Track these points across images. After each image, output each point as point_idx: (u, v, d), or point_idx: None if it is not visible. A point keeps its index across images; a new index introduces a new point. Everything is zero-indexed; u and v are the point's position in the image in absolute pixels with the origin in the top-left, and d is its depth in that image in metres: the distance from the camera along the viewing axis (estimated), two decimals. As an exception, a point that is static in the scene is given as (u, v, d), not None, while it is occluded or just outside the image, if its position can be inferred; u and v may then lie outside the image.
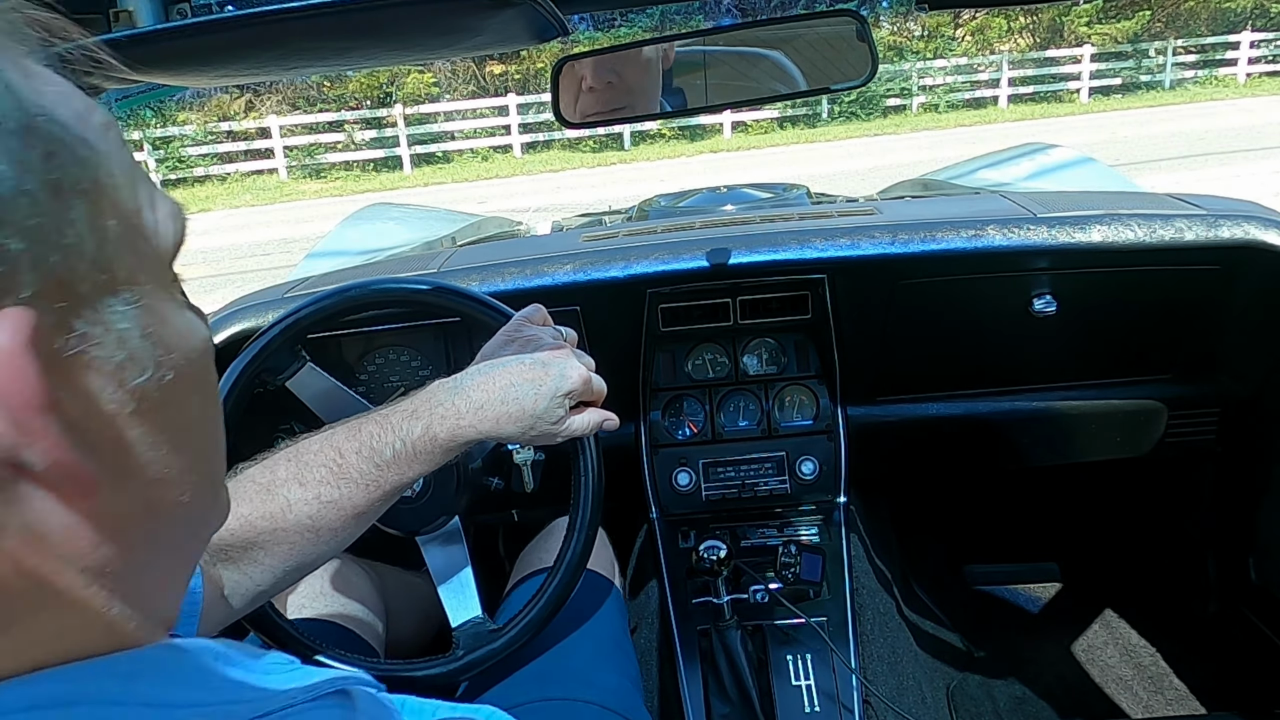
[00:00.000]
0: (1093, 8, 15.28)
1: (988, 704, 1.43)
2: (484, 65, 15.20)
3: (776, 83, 0.95)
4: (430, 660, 0.88)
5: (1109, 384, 1.34)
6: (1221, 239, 1.18)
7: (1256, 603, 1.46)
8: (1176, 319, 1.28)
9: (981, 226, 1.21)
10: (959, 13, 14.20)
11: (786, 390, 1.30)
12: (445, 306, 0.95)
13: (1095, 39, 15.55)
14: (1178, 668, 1.50)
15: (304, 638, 0.86)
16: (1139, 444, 1.36)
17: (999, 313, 1.26)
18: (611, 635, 1.01)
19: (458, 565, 0.95)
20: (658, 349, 1.29)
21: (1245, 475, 1.40)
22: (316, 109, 14.89)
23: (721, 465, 1.28)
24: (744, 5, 15.66)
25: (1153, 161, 8.69)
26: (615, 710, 0.87)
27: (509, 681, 0.91)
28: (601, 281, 1.21)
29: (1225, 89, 14.98)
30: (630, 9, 0.79)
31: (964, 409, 1.34)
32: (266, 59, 0.62)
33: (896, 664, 1.29)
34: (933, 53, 15.89)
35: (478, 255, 1.38)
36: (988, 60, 15.65)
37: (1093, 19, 15.82)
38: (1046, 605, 1.72)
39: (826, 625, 1.16)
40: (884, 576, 1.42)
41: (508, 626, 0.88)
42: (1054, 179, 2.19)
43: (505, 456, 1.07)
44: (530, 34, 0.62)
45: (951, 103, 15.15)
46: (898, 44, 15.89)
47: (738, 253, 1.21)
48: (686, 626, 1.18)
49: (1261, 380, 1.31)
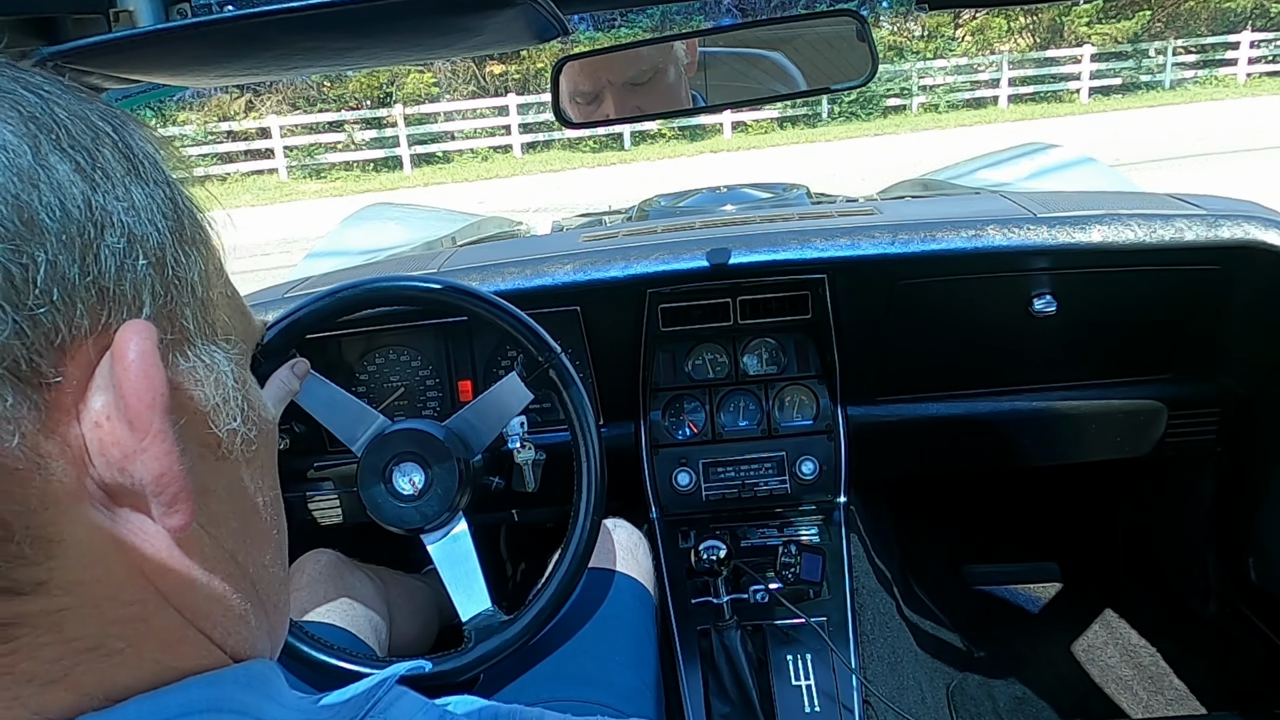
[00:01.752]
0: (1093, 8, 15.27)
1: (988, 704, 1.43)
2: (484, 65, 15.19)
3: (776, 83, 0.95)
4: (443, 655, 0.89)
5: (1109, 384, 1.34)
6: (1221, 239, 1.18)
7: (1256, 603, 1.46)
8: (1177, 319, 1.28)
9: (981, 226, 1.21)
10: (959, 13, 14.20)
11: (786, 390, 1.30)
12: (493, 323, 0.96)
13: (1095, 39, 15.55)
14: (1178, 668, 1.50)
15: (311, 640, 0.87)
16: (1139, 444, 1.36)
17: (999, 313, 1.26)
18: (633, 637, 1.01)
19: (464, 560, 0.95)
20: (658, 349, 1.29)
21: (1245, 475, 1.40)
22: (316, 109, 14.89)
23: (721, 465, 1.28)
24: (744, 5, 15.65)
25: (1153, 161, 8.68)
26: (625, 713, 0.88)
27: (522, 680, 0.92)
28: (601, 281, 1.21)
29: (1225, 89, 14.97)
30: (630, 9, 0.79)
31: (964, 409, 1.34)
32: (266, 59, 0.62)
33: (896, 664, 1.29)
34: (933, 53, 15.89)
35: (478, 255, 1.38)
36: (988, 60, 15.64)
37: (1093, 19, 15.81)
38: (1046, 605, 1.72)
39: (826, 625, 1.16)
40: (884, 576, 1.42)
41: (517, 617, 0.89)
42: (1054, 179, 2.19)
43: (506, 456, 1.07)
44: (530, 34, 0.62)
45: (951, 103, 15.15)
46: (898, 44, 15.88)
47: (738, 253, 1.21)
48: (686, 626, 1.18)
49: (1262, 380, 1.31)
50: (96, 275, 0.27)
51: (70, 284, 0.26)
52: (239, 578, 0.33)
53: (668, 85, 0.94)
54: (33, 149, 0.27)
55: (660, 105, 0.97)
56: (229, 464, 0.33)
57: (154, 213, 0.30)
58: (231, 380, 0.32)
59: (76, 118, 0.29)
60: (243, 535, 0.34)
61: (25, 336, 0.25)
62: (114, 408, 0.27)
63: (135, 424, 0.27)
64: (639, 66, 0.94)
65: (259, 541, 0.35)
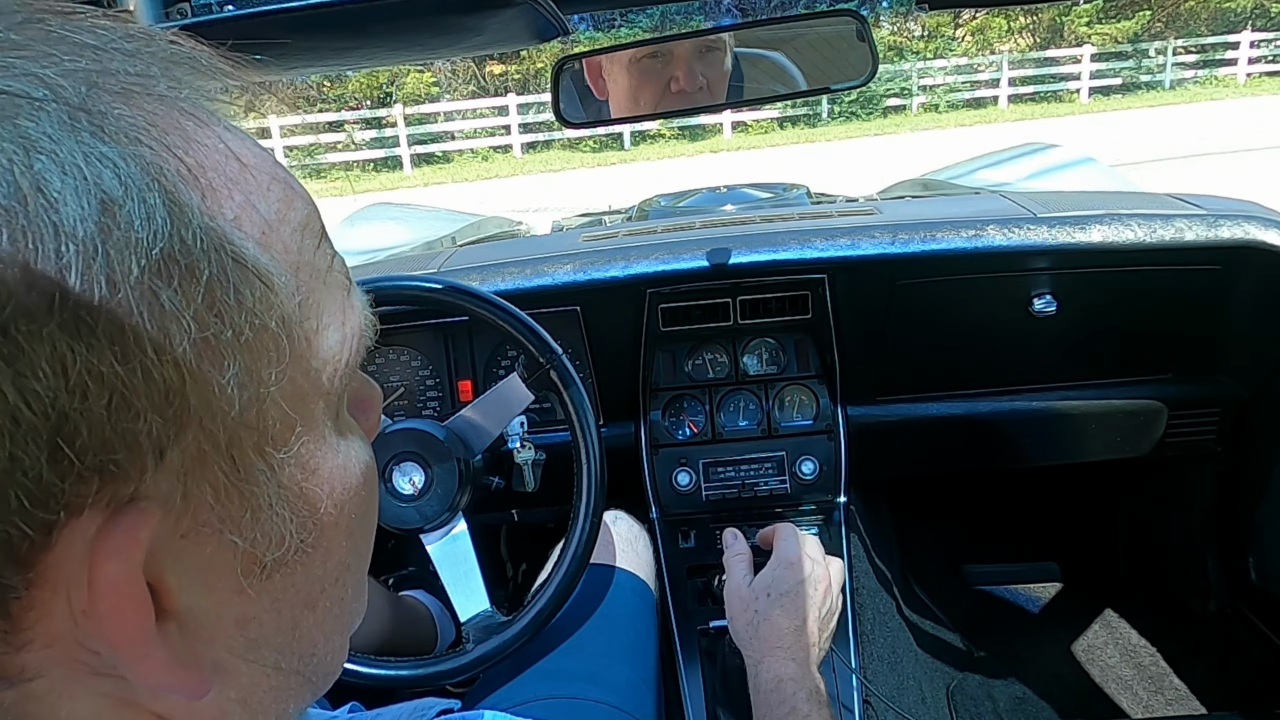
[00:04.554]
0: (1093, 8, 15.28)
1: (988, 704, 1.43)
2: (484, 65, 15.20)
3: (776, 83, 0.95)
4: (441, 657, 0.89)
5: (1109, 384, 1.34)
6: (1221, 239, 1.18)
7: (1256, 603, 1.46)
8: (1176, 319, 1.28)
9: (981, 226, 1.21)
10: (959, 13, 14.19)
11: (786, 390, 1.30)
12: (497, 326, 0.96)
13: (1095, 39, 15.55)
14: (1178, 668, 1.50)
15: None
16: (1139, 444, 1.36)
17: (999, 313, 1.26)
18: (633, 633, 1.01)
19: (463, 561, 0.95)
20: (658, 349, 1.29)
21: (1245, 475, 1.40)
22: (316, 109, 14.89)
23: (721, 465, 1.28)
24: (744, 5, 15.65)
25: (1153, 161, 8.68)
26: (622, 709, 0.87)
27: (521, 679, 0.91)
28: (601, 281, 1.21)
29: (1225, 89, 14.98)
30: (630, 9, 0.79)
31: (964, 409, 1.34)
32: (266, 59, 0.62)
33: (896, 664, 1.29)
34: (933, 53, 15.90)
35: (478, 255, 1.38)
36: (988, 60, 15.65)
37: (1093, 19, 15.82)
38: (1046, 605, 1.72)
39: None
40: (884, 576, 1.42)
41: (516, 618, 0.89)
42: (1054, 179, 2.19)
43: (506, 456, 1.07)
44: (530, 34, 0.62)
45: (951, 103, 15.15)
46: (898, 44, 15.89)
47: (738, 252, 1.21)
48: (686, 626, 1.18)
49: (1262, 380, 1.31)
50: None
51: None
52: (280, 687, 0.28)
53: (722, 71, 0.94)
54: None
55: (691, 104, 0.96)
56: (277, 579, 0.26)
57: (158, 329, 0.21)
58: (279, 496, 0.25)
59: None
60: (292, 641, 0.28)
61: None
62: (89, 632, 0.22)
63: (118, 653, 0.22)
64: (720, 64, 0.94)
65: (314, 634, 0.29)
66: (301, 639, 0.29)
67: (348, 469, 0.28)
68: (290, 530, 0.26)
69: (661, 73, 0.93)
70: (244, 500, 0.24)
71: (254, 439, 0.24)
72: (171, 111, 0.23)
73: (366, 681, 0.87)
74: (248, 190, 0.24)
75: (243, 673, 0.27)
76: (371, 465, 0.31)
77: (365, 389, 0.34)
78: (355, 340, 0.28)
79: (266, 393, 0.24)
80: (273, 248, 0.25)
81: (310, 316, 0.26)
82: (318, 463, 0.27)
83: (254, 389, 0.24)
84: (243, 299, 0.23)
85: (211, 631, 0.25)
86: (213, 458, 0.23)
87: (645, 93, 0.94)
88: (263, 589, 0.26)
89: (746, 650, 0.82)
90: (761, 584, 0.86)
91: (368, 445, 0.31)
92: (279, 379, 0.24)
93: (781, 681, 0.76)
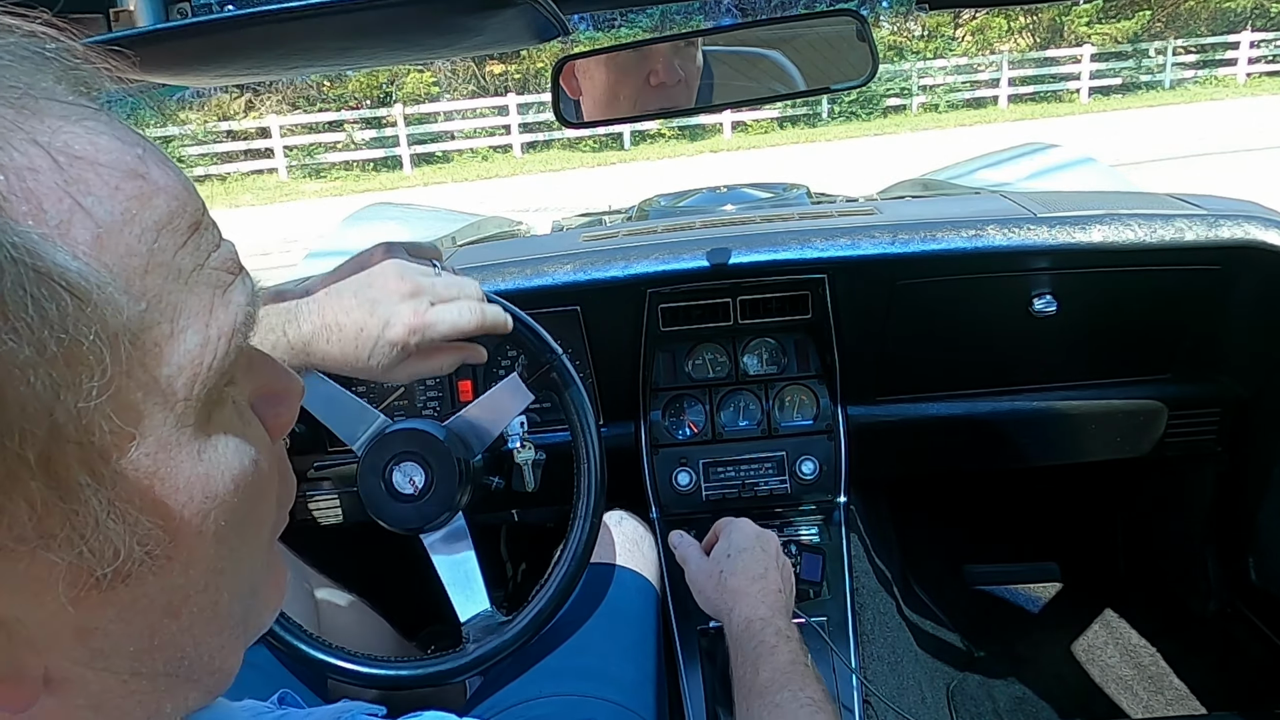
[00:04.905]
0: (1093, 8, 15.28)
1: (988, 704, 1.43)
2: (484, 65, 15.20)
3: (776, 83, 0.95)
4: (441, 657, 0.89)
5: (1109, 384, 1.34)
6: (1221, 239, 1.18)
7: (1256, 603, 1.46)
8: (1177, 319, 1.28)
9: (981, 226, 1.21)
10: (959, 13, 14.20)
11: (786, 390, 1.30)
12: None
13: (1095, 39, 15.56)
14: (1178, 668, 1.50)
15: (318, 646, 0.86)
16: (1139, 444, 1.36)
17: (999, 313, 1.26)
18: (636, 631, 1.01)
19: (463, 561, 0.95)
20: (658, 349, 1.29)
21: (1245, 475, 1.40)
22: (316, 109, 14.89)
23: (721, 465, 1.28)
24: (744, 5, 15.65)
25: (1153, 161, 8.68)
26: (626, 706, 0.88)
27: (524, 678, 0.91)
28: (601, 281, 1.21)
29: (1225, 89, 14.98)
30: (630, 9, 0.79)
31: (964, 409, 1.34)
32: (266, 59, 0.62)
33: (896, 664, 1.29)
34: (933, 53, 15.90)
35: (478, 255, 1.38)
36: (988, 60, 15.65)
37: (1093, 19, 15.82)
38: (1046, 605, 1.72)
39: (826, 625, 1.16)
40: (884, 576, 1.42)
41: (516, 618, 0.89)
42: (1054, 179, 2.19)
43: (506, 456, 1.07)
44: (530, 34, 0.62)
45: (951, 103, 15.15)
46: (898, 44, 15.89)
47: (738, 252, 1.21)
48: (686, 626, 1.18)
49: (1262, 380, 1.31)
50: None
51: None
52: (145, 691, 0.28)
53: (686, 84, 0.95)
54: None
55: (671, 102, 0.96)
56: (122, 590, 0.25)
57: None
58: (114, 509, 0.24)
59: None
60: (150, 649, 0.28)
61: None
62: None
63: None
64: (694, 62, 0.94)
65: (180, 639, 0.28)
66: (164, 645, 0.28)
67: (212, 476, 0.27)
68: (127, 543, 0.25)
69: (640, 67, 0.93)
70: (65, 515, 0.23)
71: (77, 453, 0.23)
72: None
73: (367, 682, 0.87)
74: (79, 194, 0.23)
75: (90, 680, 0.26)
76: (262, 466, 0.30)
77: (278, 382, 0.33)
78: (224, 340, 0.27)
79: (89, 406, 0.23)
80: (109, 253, 0.24)
81: (161, 321, 0.25)
82: (168, 472, 0.26)
83: (70, 403, 0.22)
84: (45, 313, 0.22)
85: (47, 642, 0.24)
86: (23, 474, 0.22)
87: (625, 88, 0.94)
88: (105, 600, 0.25)
89: (720, 610, 0.89)
90: (720, 551, 0.96)
91: (264, 444, 0.30)
92: (102, 392, 0.23)
93: (750, 622, 0.83)
